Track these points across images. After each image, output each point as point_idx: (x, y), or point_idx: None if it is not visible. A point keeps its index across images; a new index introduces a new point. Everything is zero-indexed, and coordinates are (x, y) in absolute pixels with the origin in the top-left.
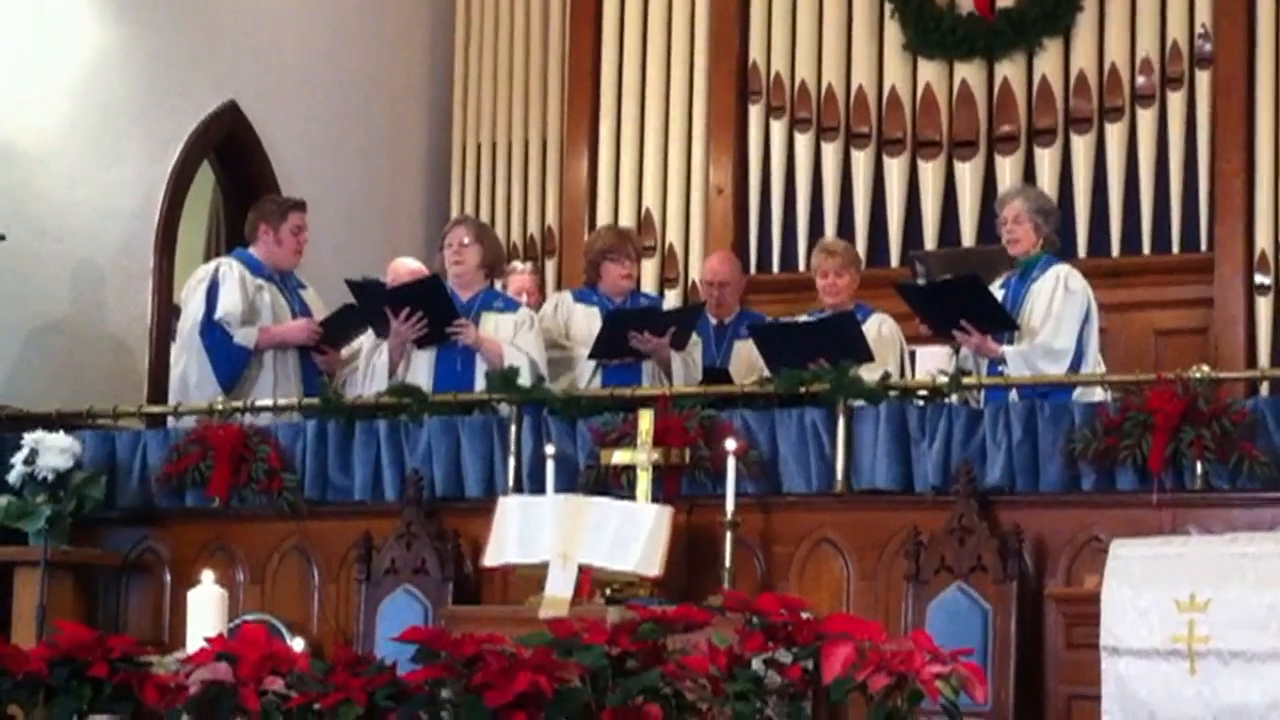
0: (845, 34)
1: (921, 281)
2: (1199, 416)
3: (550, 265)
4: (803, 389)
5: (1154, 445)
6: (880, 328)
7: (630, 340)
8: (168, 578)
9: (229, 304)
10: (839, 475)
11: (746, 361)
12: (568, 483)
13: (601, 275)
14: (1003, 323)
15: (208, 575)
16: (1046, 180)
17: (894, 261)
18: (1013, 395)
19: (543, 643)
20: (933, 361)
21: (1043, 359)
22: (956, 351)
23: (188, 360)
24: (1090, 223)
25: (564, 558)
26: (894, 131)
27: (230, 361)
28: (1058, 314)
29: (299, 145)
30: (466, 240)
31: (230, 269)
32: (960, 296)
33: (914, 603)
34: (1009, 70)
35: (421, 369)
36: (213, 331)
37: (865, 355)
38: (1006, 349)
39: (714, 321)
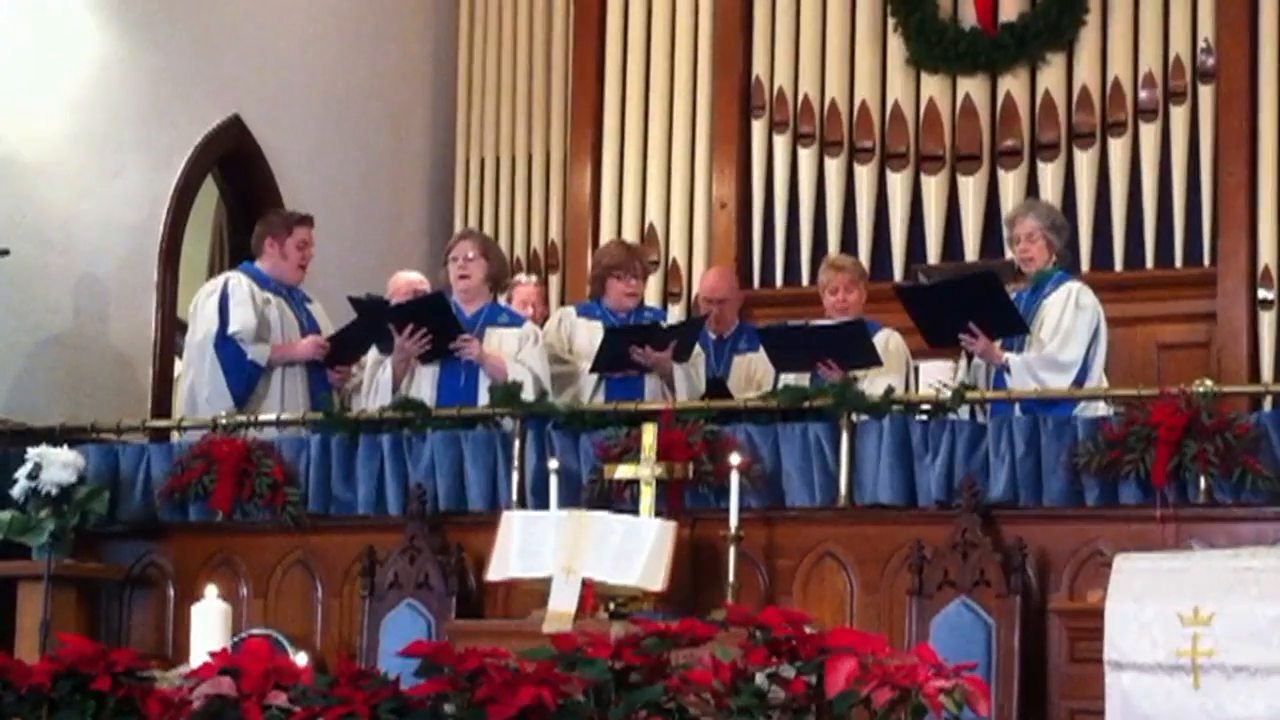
0: (848, 48)
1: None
2: (1202, 430)
3: (554, 279)
4: (806, 403)
5: (1157, 459)
6: (888, 342)
7: (632, 355)
8: (171, 592)
9: (242, 319)
10: (842, 489)
11: (745, 375)
12: (571, 497)
13: (606, 290)
14: (1014, 325)
15: (211, 589)
16: (1050, 194)
17: (897, 276)
18: (1016, 409)
19: (546, 657)
20: (937, 376)
21: (1047, 370)
22: (967, 358)
23: (198, 373)
24: (1093, 237)
25: (567, 572)
26: (897, 146)
27: (244, 376)
28: (1066, 328)
29: (303, 159)
30: (472, 254)
31: (239, 283)
32: (969, 298)
33: (917, 617)
34: (1012, 84)
35: (424, 384)
36: (227, 345)
37: (874, 360)
38: (1012, 357)
39: (713, 336)
